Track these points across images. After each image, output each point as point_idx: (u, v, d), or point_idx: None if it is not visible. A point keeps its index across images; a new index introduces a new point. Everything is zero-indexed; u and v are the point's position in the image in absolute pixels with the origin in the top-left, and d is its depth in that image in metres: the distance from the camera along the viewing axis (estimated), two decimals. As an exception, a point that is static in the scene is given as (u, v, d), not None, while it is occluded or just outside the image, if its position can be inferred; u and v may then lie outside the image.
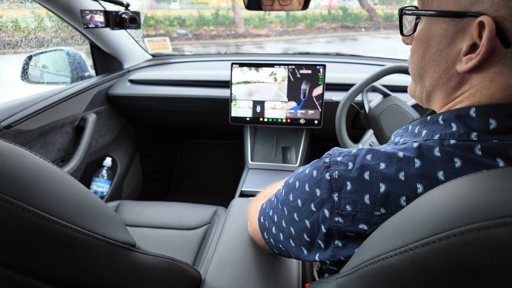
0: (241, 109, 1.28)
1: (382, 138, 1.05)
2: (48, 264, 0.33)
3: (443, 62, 0.38)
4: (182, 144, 2.07)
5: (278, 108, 1.25)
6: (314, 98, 1.23)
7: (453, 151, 0.35)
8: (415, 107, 1.03)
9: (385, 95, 1.09)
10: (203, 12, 12.03)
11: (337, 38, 11.62)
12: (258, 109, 1.26)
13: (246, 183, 1.19)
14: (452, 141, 0.36)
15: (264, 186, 0.74)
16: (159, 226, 1.02)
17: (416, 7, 0.42)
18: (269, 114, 1.26)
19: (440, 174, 0.35)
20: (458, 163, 0.34)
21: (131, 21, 1.16)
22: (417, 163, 0.36)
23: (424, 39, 0.40)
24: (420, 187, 0.35)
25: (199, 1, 14.94)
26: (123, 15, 1.15)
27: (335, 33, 12.35)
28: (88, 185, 1.37)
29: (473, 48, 0.35)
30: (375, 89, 1.09)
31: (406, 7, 0.43)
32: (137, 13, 1.18)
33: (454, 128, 0.36)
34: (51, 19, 1.45)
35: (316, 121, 1.25)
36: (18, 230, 0.30)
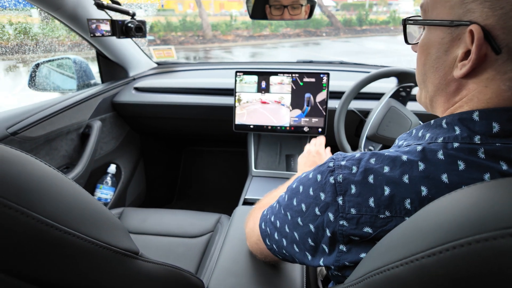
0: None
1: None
2: (51, 271, 0.33)
3: (441, 68, 0.40)
4: (186, 151, 2.07)
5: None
6: (318, 105, 1.23)
7: (456, 154, 0.35)
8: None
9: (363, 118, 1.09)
10: (170, 18, 12.12)
11: (301, 43, 12.02)
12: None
13: (250, 191, 1.18)
14: (456, 144, 0.36)
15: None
16: (162, 234, 1.02)
17: (419, 17, 0.44)
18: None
19: (444, 177, 0.35)
20: (461, 165, 0.35)
21: (137, 29, 1.17)
22: (421, 166, 0.36)
23: (425, 47, 0.42)
24: (424, 190, 0.35)
25: (165, 8, 15.01)
26: (129, 24, 1.17)
27: (298, 38, 12.76)
28: (92, 192, 1.37)
29: (468, 54, 0.36)
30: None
31: (409, 17, 0.45)
32: (143, 22, 1.19)
33: (458, 131, 0.37)
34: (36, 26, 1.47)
35: (320, 129, 1.25)
36: (22, 237, 0.30)
